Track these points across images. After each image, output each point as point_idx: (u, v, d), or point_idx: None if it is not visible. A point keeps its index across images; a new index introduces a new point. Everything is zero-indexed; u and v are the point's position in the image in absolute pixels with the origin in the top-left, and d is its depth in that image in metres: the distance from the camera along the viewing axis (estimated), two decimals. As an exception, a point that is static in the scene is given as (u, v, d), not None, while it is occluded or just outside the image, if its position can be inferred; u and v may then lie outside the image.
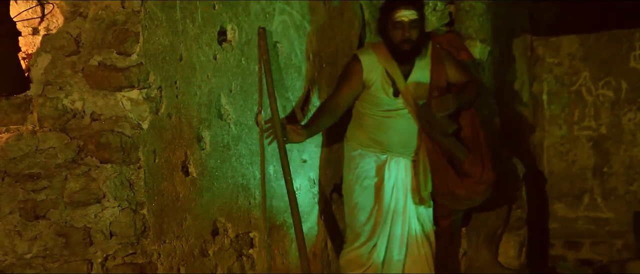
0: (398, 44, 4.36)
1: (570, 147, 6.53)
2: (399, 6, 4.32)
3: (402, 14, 4.32)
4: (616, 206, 6.41)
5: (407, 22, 4.32)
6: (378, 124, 4.54)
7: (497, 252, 5.49)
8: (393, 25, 4.34)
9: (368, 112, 4.53)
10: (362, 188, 4.57)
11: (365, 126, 4.55)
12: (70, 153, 3.12)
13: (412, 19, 4.32)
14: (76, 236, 3.10)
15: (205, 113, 3.60)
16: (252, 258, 3.96)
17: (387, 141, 4.55)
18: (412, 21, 4.33)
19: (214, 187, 3.66)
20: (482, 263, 5.45)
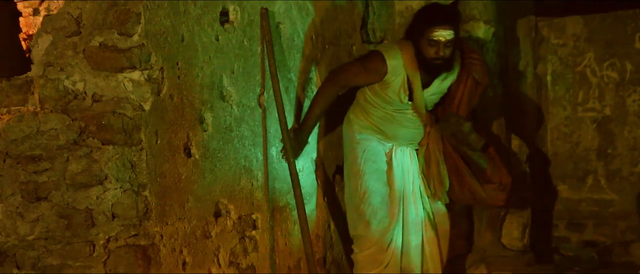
0: (430, 59, 4.31)
1: (574, 128, 6.51)
2: (437, 24, 4.24)
3: (439, 34, 4.24)
4: (620, 187, 6.39)
5: (443, 42, 4.26)
6: (386, 118, 4.53)
7: (500, 233, 5.48)
8: (428, 42, 4.26)
9: (377, 105, 4.51)
10: (372, 171, 4.53)
11: (372, 115, 4.52)
12: (72, 135, 3.10)
13: (448, 39, 4.26)
14: (78, 218, 3.09)
15: (207, 94, 3.58)
16: (255, 239, 3.96)
17: (393, 134, 4.55)
18: (448, 41, 4.26)
19: (217, 169, 3.64)
20: (485, 244, 5.45)
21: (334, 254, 4.79)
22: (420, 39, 4.29)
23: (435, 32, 4.22)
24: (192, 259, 3.44)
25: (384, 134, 4.53)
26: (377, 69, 4.36)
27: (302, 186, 4.13)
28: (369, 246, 4.49)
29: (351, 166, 4.61)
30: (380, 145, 4.55)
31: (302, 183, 4.17)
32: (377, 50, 4.46)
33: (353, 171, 4.59)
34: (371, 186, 4.52)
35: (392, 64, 4.34)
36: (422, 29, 4.27)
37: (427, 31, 4.23)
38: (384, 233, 4.48)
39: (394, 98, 4.44)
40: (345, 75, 4.45)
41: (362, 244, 4.53)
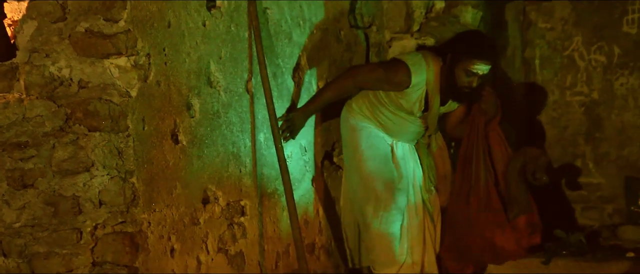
0: (460, 86, 4.39)
1: (562, 112, 6.52)
2: (481, 58, 4.33)
3: (479, 67, 4.33)
4: (608, 171, 6.41)
5: (480, 75, 4.36)
6: (393, 119, 4.58)
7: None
8: (465, 71, 4.34)
9: (387, 107, 4.56)
10: (376, 156, 4.57)
11: (379, 113, 4.58)
12: (58, 121, 3.08)
13: (484, 73, 4.37)
14: (65, 205, 3.08)
15: (194, 80, 3.56)
16: (243, 226, 3.95)
17: (395, 132, 4.63)
18: (484, 74, 4.38)
19: (204, 155, 3.63)
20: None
21: (322, 239, 4.79)
22: (456, 64, 4.36)
23: (476, 65, 4.32)
24: (180, 246, 3.43)
25: (385, 130, 4.58)
26: (400, 82, 4.41)
27: (290, 172, 4.12)
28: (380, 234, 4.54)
29: (353, 153, 4.65)
30: (381, 133, 4.57)
31: (290, 169, 4.16)
32: (404, 62, 4.46)
33: (356, 157, 4.63)
34: (375, 170, 4.56)
35: (416, 80, 4.40)
36: (463, 57, 4.32)
37: (468, 61, 4.32)
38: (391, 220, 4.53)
39: (407, 107, 4.51)
40: (366, 76, 4.50)
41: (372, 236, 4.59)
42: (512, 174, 4.52)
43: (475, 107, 4.57)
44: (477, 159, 4.52)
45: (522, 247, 4.51)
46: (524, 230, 4.51)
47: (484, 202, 4.48)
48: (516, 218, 4.51)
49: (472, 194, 4.52)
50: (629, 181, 6.21)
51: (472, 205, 4.51)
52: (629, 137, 6.32)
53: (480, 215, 4.47)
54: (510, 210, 4.51)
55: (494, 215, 4.47)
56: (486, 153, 4.53)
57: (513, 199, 4.51)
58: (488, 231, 4.47)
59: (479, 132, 4.54)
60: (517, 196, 4.51)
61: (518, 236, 4.49)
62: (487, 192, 4.49)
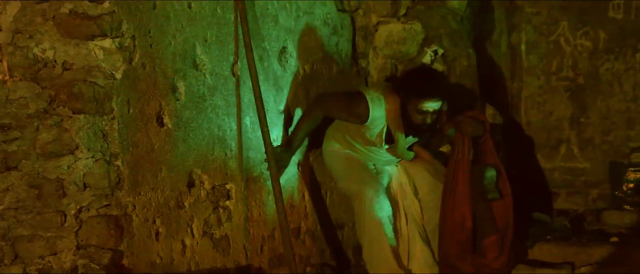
0: (415, 123, 4.49)
1: (547, 97, 6.53)
2: (428, 98, 4.40)
3: (428, 105, 4.41)
4: (592, 156, 6.44)
5: (431, 112, 4.44)
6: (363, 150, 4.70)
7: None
8: (416, 110, 4.42)
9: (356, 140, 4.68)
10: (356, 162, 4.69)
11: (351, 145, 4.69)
12: (42, 103, 3.05)
13: (435, 110, 4.44)
14: (49, 188, 3.05)
15: (180, 63, 3.54)
16: (229, 209, 3.94)
17: (369, 159, 4.75)
18: (435, 111, 4.45)
19: (190, 139, 3.61)
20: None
21: (308, 224, 4.79)
22: (408, 102, 4.44)
23: (425, 103, 4.39)
24: (165, 230, 3.42)
25: (361, 157, 4.71)
26: (359, 114, 4.50)
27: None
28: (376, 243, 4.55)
29: (336, 169, 4.75)
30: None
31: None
32: (364, 96, 4.52)
33: (339, 171, 4.72)
34: (357, 166, 4.65)
35: (374, 115, 4.48)
36: (413, 96, 4.41)
37: (416, 101, 4.40)
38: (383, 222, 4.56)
39: (372, 140, 4.61)
40: (331, 105, 4.57)
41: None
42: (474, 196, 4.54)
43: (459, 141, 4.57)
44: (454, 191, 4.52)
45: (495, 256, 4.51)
46: (490, 252, 4.50)
47: (455, 234, 4.49)
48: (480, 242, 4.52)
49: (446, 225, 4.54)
50: (613, 166, 6.25)
51: (445, 237, 4.53)
52: (613, 123, 6.35)
53: (450, 247, 4.49)
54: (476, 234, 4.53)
55: (462, 245, 4.48)
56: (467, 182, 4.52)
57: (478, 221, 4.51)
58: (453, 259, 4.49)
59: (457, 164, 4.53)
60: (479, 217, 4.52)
61: (479, 264, 4.49)
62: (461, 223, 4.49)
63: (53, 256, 3.05)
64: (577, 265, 4.93)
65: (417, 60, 5.45)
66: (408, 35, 5.48)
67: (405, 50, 5.50)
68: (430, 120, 4.49)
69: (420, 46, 5.45)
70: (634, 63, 6.25)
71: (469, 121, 4.55)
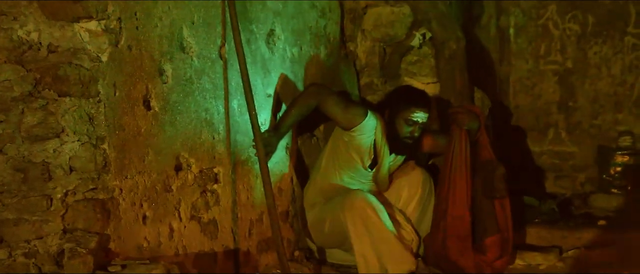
0: (402, 137, 4.56)
1: (536, 81, 6.54)
2: (419, 106, 4.51)
3: (418, 115, 4.50)
4: (580, 140, 6.46)
5: (419, 123, 4.53)
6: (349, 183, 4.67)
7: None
8: (405, 120, 4.51)
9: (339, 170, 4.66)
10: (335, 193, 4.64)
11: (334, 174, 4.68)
12: (27, 86, 3.02)
13: (423, 122, 4.54)
14: (34, 171, 3.02)
15: (166, 46, 3.51)
16: (217, 193, 3.92)
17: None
18: (423, 123, 4.55)
19: (177, 122, 3.59)
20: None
21: (296, 207, 4.79)
22: (396, 115, 4.52)
23: (415, 113, 4.49)
24: (152, 213, 3.40)
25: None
26: (354, 114, 4.51)
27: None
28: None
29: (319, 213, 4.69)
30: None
31: (264, 136, 4.14)
32: (363, 105, 4.69)
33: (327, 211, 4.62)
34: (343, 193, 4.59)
35: (369, 123, 4.52)
36: (401, 107, 4.50)
37: (407, 111, 4.49)
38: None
39: (357, 160, 4.60)
40: (327, 101, 4.50)
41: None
42: (476, 193, 4.50)
43: (456, 134, 4.51)
44: (450, 186, 4.47)
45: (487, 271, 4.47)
46: (491, 252, 4.47)
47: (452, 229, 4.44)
48: (481, 240, 4.48)
49: (441, 222, 4.49)
50: (601, 149, 6.27)
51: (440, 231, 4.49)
52: (601, 106, 6.37)
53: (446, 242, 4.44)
54: (477, 232, 4.48)
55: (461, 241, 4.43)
56: (466, 177, 4.48)
57: (477, 220, 4.47)
58: (453, 256, 4.44)
59: (453, 159, 4.49)
60: (480, 216, 4.48)
61: (480, 263, 4.45)
62: (460, 218, 4.45)
63: (39, 240, 3.03)
64: (565, 248, 4.95)
65: (405, 43, 5.44)
66: (397, 18, 5.46)
67: (393, 34, 5.48)
68: (418, 133, 4.56)
69: (409, 29, 5.43)
70: (622, 47, 6.26)
71: (465, 111, 4.52)
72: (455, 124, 4.50)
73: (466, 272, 4.38)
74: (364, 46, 5.58)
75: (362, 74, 5.60)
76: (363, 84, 5.58)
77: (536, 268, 4.65)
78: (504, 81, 6.59)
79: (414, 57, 5.46)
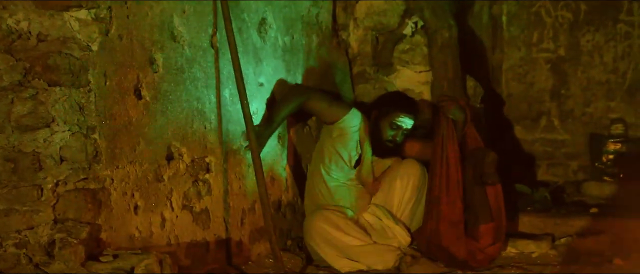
0: (384, 140, 4.66)
1: (528, 69, 6.54)
2: (405, 112, 4.65)
3: (404, 120, 4.64)
4: (573, 127, 6.47)
5: (403, 129, 4.66)
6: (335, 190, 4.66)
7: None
8: (390, 124, 4.64)
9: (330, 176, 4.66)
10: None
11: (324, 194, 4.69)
12: (17, 75, 3.00)
13: (407, 128, 4.67)
14: (25, 161, 3.00)
15: (157, 35, 3.49)
16: (209, 182, 3.91)
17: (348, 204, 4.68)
18: (406, 130, 4.68)
19: (168, 111, 3.57)
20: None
21: (289, 196, 4.78)
22: (382, 118, 4.62)
23: (401, 117, 4.62)
24: (144, 203, 3.39)
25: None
26: (339, 108, 4.60)
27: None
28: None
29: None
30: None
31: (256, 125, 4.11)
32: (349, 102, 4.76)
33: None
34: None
35: (354, 117, 4.59)
36: (389, 110, 4.61)
37: (393, 114, 4.63)
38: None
39: (344, 156, 4.63)
40: (311, 94, 4.57)
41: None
42: (467, 181, 4.49)
43: (443, 121, 4.50)
44: (442, 172, 4.46)
45: (475, 258, 4.45)
46: (484, 239, 4.46)
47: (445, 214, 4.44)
48: (474, 228, 4.46)
49: (434, 207, 4.48)
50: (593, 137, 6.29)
51: (433, 216, 4.48)
52: (594, 94, 6.39)
53: (440, 226, 4.44)
54: (469, 220, 4.47)
55: (454, 226, 4.42)
56: (457, 164, 4.47)
57: (469, 208, 4.46)
58: (445, 242, 4.43)
59: (444, 146, 4.48)
60: (472, 203, 4.47)
61: (472, 247, 4.44)
62: (452, 204, 4.44)
63: (30, 231, 3.01)
64: (558, 236, 4.96)
65: (398, 31, 5.43)
66: (389, 6, 5.45)
67: (386, 22, 5.47)
68: (400, 139, 4.66)
69: (401, 18, 5.42)
70: (615, 34, 6.27)
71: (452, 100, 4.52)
72: (441, 112, 4.50)
73: (458, 258, 4.37)
74: (356, 35, 5.57)
75: (354, 62, 5.59)
76: (355, 72, 5.57)
77: (529, 256, 4.65)
78: (497, 69, 6.60)
79: (407, 45, 5.45)
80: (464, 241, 4.40)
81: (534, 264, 4.43)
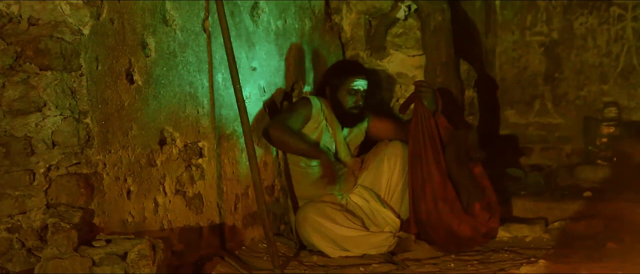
0: (349, 109, 4.70)
1: (522, 52, 6.54)
2: (357, 75, 4.69)
3: (358, 83, 4.68)
4: (566, 111, 6.47)
5: (361, 91, 4.70)
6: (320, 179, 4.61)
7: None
8: (347, 91, 4.68)
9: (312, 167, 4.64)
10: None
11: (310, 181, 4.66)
12: (8, 59, 2.98)
13: (364, 89, 4.72)
14: (16, 146, 2.99)
15: (149, 19, 3.47)
16: (202, 167, 3.90)
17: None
18: (364, 91, 4.73)
19: (161, 96, 3.55)
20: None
21: (282, 181, 4.77)
22: (337, 91, 4.69)
23: (355, 81, 4.68)
24: (137, 188, 3.38)
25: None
26: (305, 106, 4.60)
27: (249, 113, 4.06)
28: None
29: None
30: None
31: (249, 110, 4.10)
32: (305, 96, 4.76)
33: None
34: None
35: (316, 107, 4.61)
36: (341, 80, 4.67)
37: (347, 82, 4.68)
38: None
39: (329, 144, 4.68)
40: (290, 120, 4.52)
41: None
42: (450, 163, 4.52)
43: (418, 106, 4.55)
44: (427, 153, 4.48)
45: (480, 233, 4.47)
46: (481, 216, 4.49)
47: (439, 192, 4.45)
48: (470, 206, 4.49)
49: (426, 186, 4.49)
50: (587, 121, 6.29)
51: (428, 196, 4.48)
52: (587, 78, 6.38)
53: (438, 205, 4.45)
54: (462, 199, 4.49)
55: (450, 204, 4.44)
56: (437, 145, 4.51)
57: (460, 187, 4.49)
58: (445, 219, 4.45)
59: (423, 128, 4.50)
60: (463, 183, 4.50)
61: (475, 223, 4.46)
62: (442, 184, 4.46)
63: (22, 215, 3.00)
64: (551, 220, 4.97)
65: (391, 15, 5.41)
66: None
67: (379, 6, 5.45)
68: (361, 101, 4.70)
69: (394, 1, 5.40)
70: (608, 17, 6.26)
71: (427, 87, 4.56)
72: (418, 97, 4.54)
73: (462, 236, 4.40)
74: (349, 18, 5.55)
75: (347, 46, 5.58)
76: (348, 56, 5.56)
77: (522, 240, 4.66)
78: (490, 52, 6.59)
79: (400, 29, 5.44)
80: (465, 218, 4.43)
81: (528, 248, 4.43)
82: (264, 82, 4.55)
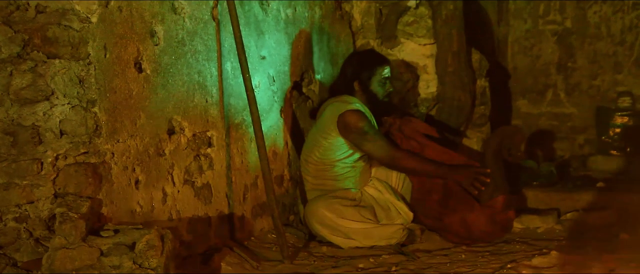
0: (382, 97, 4.67)
1: (534, 41, 6.48)
2: (383, 63, 4.66)
3: (386, 71, 4.65)
4: (579, 101, 6.42)
5: (389, 78, 4.70)
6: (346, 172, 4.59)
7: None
8: (379, 82, 4.63)
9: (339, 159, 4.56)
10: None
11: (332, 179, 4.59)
12: (15, 48, 2.96)
13: (391, 74, 4.72)
14: (24, 135, 2.97)
15: (157, 7, 3.44)
16: (210, 157, 3.87)
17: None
18: (390, 76, 4.72)
19: (169, 85, 3.53)
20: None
21: (291, 171, 4.74)
22: (369, 83, 4.62)
23: (384, 70, 4.64)
24: (145, 178, 3.36)
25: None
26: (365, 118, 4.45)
27: (258, 103, 4.03)
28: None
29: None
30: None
31: (258, 99, 4.07)
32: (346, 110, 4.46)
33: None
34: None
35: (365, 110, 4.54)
36: (372, 71, 4.62)
37: (377, 72, 4.62)
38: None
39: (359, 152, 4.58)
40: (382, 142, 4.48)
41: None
42: (489, 154, 4.50)
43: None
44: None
45: (499, 223, 4.44)
46: (499, 207, 4.45)
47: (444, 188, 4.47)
48: (492, 199, 4.44)
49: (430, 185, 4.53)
50: (600, 111, 6.24)
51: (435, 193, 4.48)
52: (601, 67, 6.33)
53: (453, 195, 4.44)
54: (486, 191, 4.43)
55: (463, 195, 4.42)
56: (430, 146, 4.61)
57: (490, 179, 4.42)
58: (460, 209, 4.41)
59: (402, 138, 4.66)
60: (494, 176, 4.45)
61: (492, 213, 4.42)
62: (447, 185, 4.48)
63: (30, 205, 2.99)
64: (563, 211, 4.93)
65: (402, 3, 5.37)
66: (393, -22, 5.40)
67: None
68: (392, 88, 4.72)
69: (405, -11, 5.37)
70: (622, 6, 6.20)
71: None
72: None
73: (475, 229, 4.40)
74: (359, 7, 5.51)
75: (357, 35, 5.54)
76: (359, 45, 5.53)
77: (534, 231, 4.62)
78: (502, 41, 6.54)
79: (411, 17, 5.39)
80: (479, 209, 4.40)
81: (540, 239, 4.39)
82: (273, 71, 4.52)
